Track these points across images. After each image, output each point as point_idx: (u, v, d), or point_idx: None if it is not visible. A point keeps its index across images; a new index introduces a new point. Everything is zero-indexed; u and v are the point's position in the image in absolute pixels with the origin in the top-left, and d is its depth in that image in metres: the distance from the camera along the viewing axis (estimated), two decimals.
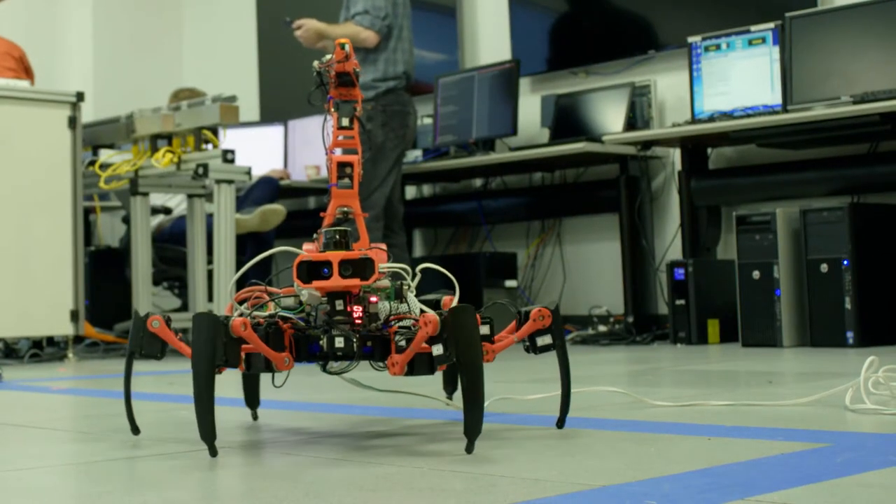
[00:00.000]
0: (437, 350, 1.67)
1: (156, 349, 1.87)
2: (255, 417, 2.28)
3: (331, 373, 1.92)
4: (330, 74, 1.88)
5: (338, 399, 2.72)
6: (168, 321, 1.87)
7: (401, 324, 1.79)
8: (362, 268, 1.72)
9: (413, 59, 5.35)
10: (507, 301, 2.08)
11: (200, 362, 1.68)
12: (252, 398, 2.29)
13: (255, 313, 1.83)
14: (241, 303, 1.92)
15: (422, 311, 1.81)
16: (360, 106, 1.91)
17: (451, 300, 2.04)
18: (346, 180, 1.87)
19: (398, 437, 1.92)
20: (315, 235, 1.84)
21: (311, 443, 1.88)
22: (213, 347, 1.69)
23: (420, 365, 1.73)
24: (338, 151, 1.90)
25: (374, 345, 1.77)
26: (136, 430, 2.00)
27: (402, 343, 1.72)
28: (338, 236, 1.77)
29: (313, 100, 1.93)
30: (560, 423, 1.93)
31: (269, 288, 1.92)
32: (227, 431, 2.08)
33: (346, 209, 1.88)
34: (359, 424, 2.15)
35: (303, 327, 1.80)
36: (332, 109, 1.90)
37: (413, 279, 1.91)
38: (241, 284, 2.22)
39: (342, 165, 1.87)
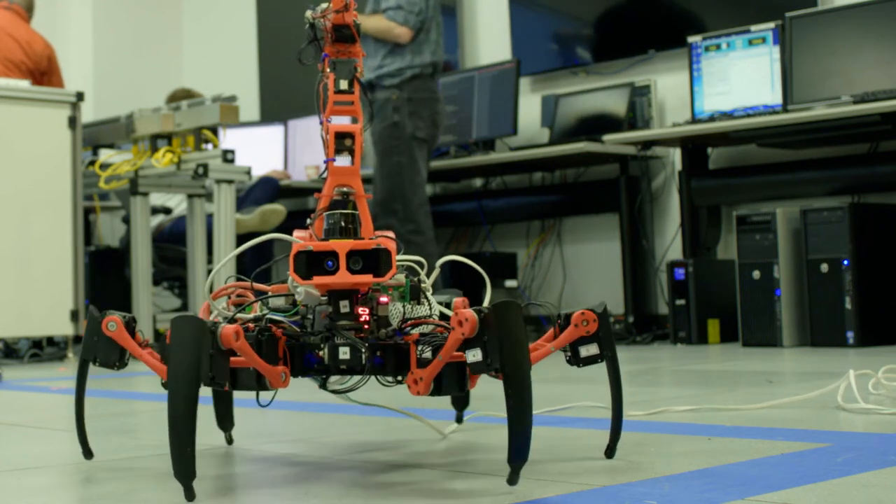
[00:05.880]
0: (475, 356, 1.35)
1: (113, 357, 1.52)
2: (229, 441, 1.91)
3: (333, 391, 1.62)
4: (325, 27, 1.55)
5: (329, 397, 2.61)
6: (130, 323, 1.53)
7: (419, 330, 1.49)
8: (375, 260, 1.40)
9: (441, 50, 5.14)
10: (545, 302, 1.85)
11: (180, 381, 1.31)
12: (225, 418, 1.89)
13: (239, 316, 1.52)
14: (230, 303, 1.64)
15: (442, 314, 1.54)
16: (361, 66, 1.57)
17: (463, 302, 1.74)
18: (346, 154, 1.52)
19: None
20: (309, 221, 1.51)
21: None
22: (198, 362, 1.33)
23: (449, 381, 1.43)
24: (336, 120, 1.56)
25: (387, 355, 1.45)
26: (88, 453, 1.68)
27: (428, 354, 1.42)
28: (344, 221, 1.45)
29: (304, 57, 1.59)
30: (609, 451, 1.61)
31: (256, 284, 1.63)
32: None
33: (345, 189, 1.52)
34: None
35: (297, 333, 1.48)
36: (328, 69, 1.55)
37: (430, 275, 1.63)
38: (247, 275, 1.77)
39: (341, 136, 1.51)
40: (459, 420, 2.00)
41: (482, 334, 1.34)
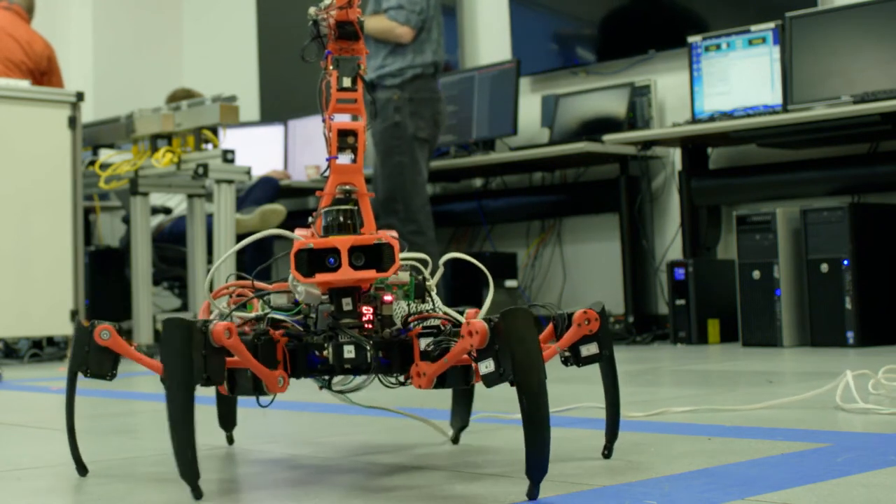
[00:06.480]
0: (487, 367, 1.32)
1: (106, 367, 1.49)
2: (230, 441, 1.91)
3: (339, 392, 1.58)
4: (328, 24, 1.53)
5: (331, 397, 2.61)
6: (120, 329, 1.50)
7: (426, 323, 1.46)
8: (378, 256, 1.38)
9: (442, 50, 5.16)
10: (546, 303, 1.72)
11: (175, 383, 1.33)
12: (227, 418, 1.89)
13: (241, 315, 1.50)
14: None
15: (447, 315, 1.51)
16: (365, 63, 1.55)
17: (475, 314, 1.65)
18: (349, 151, 1.50)
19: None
20: (311, 219, 1.50)
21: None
22: (191, 363, 1.33)
23: (453, 375, 1.42)
24: (339, 117, 1.53)
25: (392, 355, 1.43)
26: (82, 469, 1.62)
27: (431, 348, 1.40)
28: (342, 217, 1.43)
29: (307, 55, 1.56)
30: (607, 451, 1.61)
31: (257, 283, 1.60)
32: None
33: (348, 187, 1.49)
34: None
35: (300, 333, 1.46)
36: (331, 67, 1.53)
37: (435, 273, 1.58)
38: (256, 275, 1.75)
39: (343, 134, 1.49)
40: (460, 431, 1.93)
41: (493, 344, 1.32)
